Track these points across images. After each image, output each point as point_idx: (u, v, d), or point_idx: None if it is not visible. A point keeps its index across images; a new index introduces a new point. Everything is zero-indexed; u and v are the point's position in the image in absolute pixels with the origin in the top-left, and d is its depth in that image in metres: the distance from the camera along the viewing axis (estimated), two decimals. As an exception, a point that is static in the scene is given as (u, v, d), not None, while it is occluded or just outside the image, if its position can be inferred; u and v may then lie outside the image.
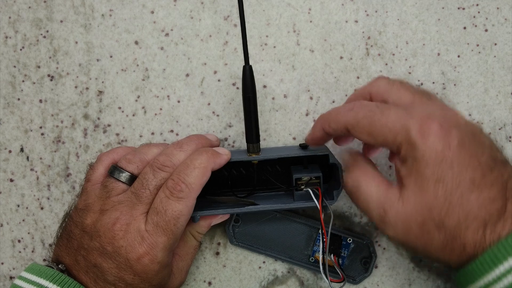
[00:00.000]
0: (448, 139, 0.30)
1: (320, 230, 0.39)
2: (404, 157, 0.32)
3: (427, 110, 0.32)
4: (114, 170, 0.38)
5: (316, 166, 0.40)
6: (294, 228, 0.42)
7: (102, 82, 0.44)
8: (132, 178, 0.37)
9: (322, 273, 0.38)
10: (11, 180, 0.44)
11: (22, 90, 0.44)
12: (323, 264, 0.38)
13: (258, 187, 0.41)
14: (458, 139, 0.31)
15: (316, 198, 0.38)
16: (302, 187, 0.39)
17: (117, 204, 0.36)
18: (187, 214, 0.36)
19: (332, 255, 0.41)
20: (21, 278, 0.35)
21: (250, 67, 0.38)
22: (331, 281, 0.39)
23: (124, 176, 0.37)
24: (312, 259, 0.42)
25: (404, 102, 0.34)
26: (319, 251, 0.41)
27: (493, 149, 0.32)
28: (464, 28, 0.44)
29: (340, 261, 0.42)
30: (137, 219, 0.35)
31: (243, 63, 0.38)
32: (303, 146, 0.40)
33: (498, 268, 0.29)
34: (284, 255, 0.43)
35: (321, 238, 0.38)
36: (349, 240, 0.42)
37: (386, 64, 0.44)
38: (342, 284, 0.40)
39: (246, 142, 0.39)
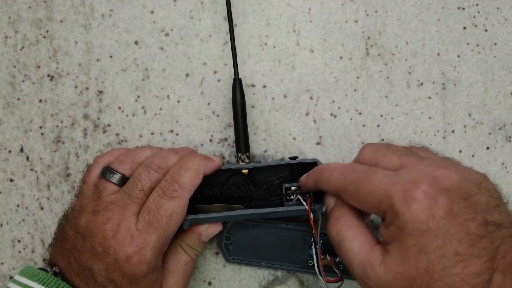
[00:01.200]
0: (433, 208, 0.29)
1: (311, 232, 0.39)
2: (388, 224, 0.30)
3: (413, 174, 0.30)
4: (105, 171, 0.38)
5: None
6: (287, 235, 0.42)
7: (102, 82, 0.44)
8: (123, 179, 0.38)
9: (317, 274, 0.38)
10: (11, 180, 0.44)
11: (22, 90, 0.44)
12: (318, 265, 0.38)
13: (249, 197, 0.41)
14: (444, 209, 0.29)
15: (305, 202, 0.38)
16: (292, 197, 0.39)
17: (110, 204, 0.36)
18: (180, 213, 0.36)
19: (327, 255, 0.41)
20: (14, 281, 0.36)
21: (240, 79, 0.41)
22: (330, 281, 0.39)
23: (115, 177, 0.38)
24: (310, 263, 0.42)
25: (392, 166, 0.33)
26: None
27: (488, 210, 0.30)
28: (464, 28, 0.44)
29: (337, 260, 0.42)
30: (129, 218, 0.36)
31: (243, 63, 0.38)
32: (292, 158, 0.41)
33: None
34: (282, 264, 0.42)
35: (313, 240, 0.38)
36: None
37: (386, 64, 0.44)
38: (340, 283, 0.40)
39: (236, 152, 0.41)
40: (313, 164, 0.40)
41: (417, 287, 0.29)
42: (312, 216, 0.38)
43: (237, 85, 0.41)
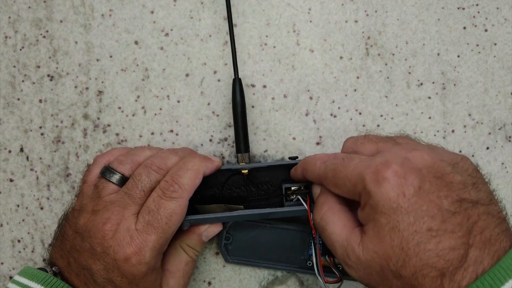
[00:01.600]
0: (403, 187, 0.29)
1: (311, 233, 0.39)
2: (363, 205, 0.31)
3: (385, 157, 0.31)
4: (105, 171, 0.38)
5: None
6: (286, 236, 0.42)
7: (102, 82, 0.44)
8: (123, 179, 0.38)
9: (317, 275, 0.38)
10: (11, 180, 0.44)
11: (22, 90, 0.44)
12: (317, 265, 0.38)
13: (249, 198, 0.41)
14: (414, 186, 0.29)
15: (305, 202, 0.38)
16: (292, 197, 0.39)
17: (109, 204, 0.36)
18: (180, 214, 0.36)
19: (326, 256, 0.41)
20: (14, 281, 0.36)
21: (240, 80, 0.41)
22: (329, 282, 0.39)
23: (115, 177, 0.38)
24: (309, 263, 0.42)
25: (369, 153, 0.34)
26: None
27: (465, 188, 0.30)
28: (464, 28, 0.44)
29: (336, 261, 0.42)
30: (128, 219, 0.35)
31: (243, 63, 0.38)
32: (292, 158, 0.41)
33: None
34: (282, 264, 0.42)
35: (312, 241, 0.38)
36: None
37: (386, 64, 0.44)
38: (339, 284, 0.40)
39: (236, 152, 0.41)
40: None
41: (393, 265, 0.29)
42: (311, 217, 0.38)
43: (237, 86, 0.41)
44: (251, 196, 0.40)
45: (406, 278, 0.29)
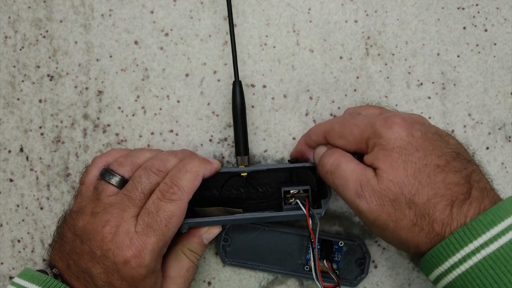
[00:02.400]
0: (411, 130, 0.33)
1: (309, 238, 0.39)
2: (371, 148, 0.34)
3: (391, 113, 0.36)
4: (105, 172, 0.38)
5: (305, 180, 0.40)
6: (284, 239, 0.42)
7: (102, 82, 0.44)
8: (123, 181, 0.38)
9: (315, 279, 0.38)
10: (11, 180, 0.44)
11: (21, 90, 0.44)
12: (315, 270, 0.38)
13: (247, 200, 0.40)
14: (421, 131, 0.34)
15: (304, 207, 0.38)
16: (291, 200, 0.39)
17: (109, 206, 0.36)
18: (179, 216, 0.36)
19: (325, 261, 0.41)
20: (13, 284, 0.36)
21: (240, 82, 0.40)
22: (327, 287, 0.39)
23: (115, 179, 0.37)
24: (306, 268, 0.42)
25: (373, 113, 0.38)
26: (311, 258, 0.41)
27: (458, 148, 0.34)
28: (464, 28, 0.44)
29: (334, 266, 0.42)
30: (128, 221, 0.35)
31: (243, 63, 0.38)
32: (291, 161, 0.41)
33: (463, 249, 0.31)
34: (279, 268, 0.42)
35: (311, 246, 0.38)
36: (341, 243, 0.42)
37: (386, 64, 0.44)
38: None
39: (236, 155, 0.41)
40: (312, 167, 0.40)
41: (408, 192, 0.32)
42: (310, 221, 0.38)
43: (237, 88, 0.40)
44: (250, 199, 0.40)
45: (419, 205, 0.32)
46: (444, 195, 0.32)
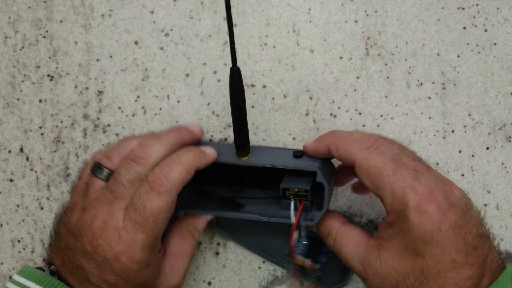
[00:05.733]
0: (441, 222, 0.31)
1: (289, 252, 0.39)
2: (392, 222, 0.33)
3: (429, 184, 0.32)
4: (94, 167, 0.37)
5: (309, 178, 0.38)
6: (271, 226, 0.41)
7: (102, 82, 0.44)
8: (110, 175, 0.37)
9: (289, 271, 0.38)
10: (11, 180, 0.44)
11: (21, 90, 0.44)
12: (294, 264, 0.39)
13: (244, 195, 0.40)
14: (451, 223, 0.31)
15: (296, 210, 0.38)
16: (290, 197, 0.38)
17: (95, 201, 0.36)
18: (167, 211, 0.35)
19: (310, 259, 0.40)
20: (12, 281, 0.35)
21: (238, 69, 0.36)
22: (302, 283, 0.39)
23: (103, 173, 0.37)
24: (289, 259, 0.41)
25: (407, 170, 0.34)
26: (295, 251, 0.40)
27: (480, 224, 0.33)
28: (464, 28, 0.44)
29: (317, 266, 0.41)
30: (115, 216, 0.35)
31: (243, 63, 0.38)
32: (296, 155, 0.39)
33: None
34: (261, 251, 0.42)
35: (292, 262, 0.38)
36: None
37: (386, 64, 0.44)
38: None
39: (235, 146, 0.38)
40: (313, 173, 0.37)
41: (410, 283, 0.31)
42: (296, 221, 0.37)
43: (236, 75, 0.36)
44: (248, 194, 0.40)
45: None
46: None
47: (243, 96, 0.37)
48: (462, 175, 0.43)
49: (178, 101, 0.44)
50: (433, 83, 0.44)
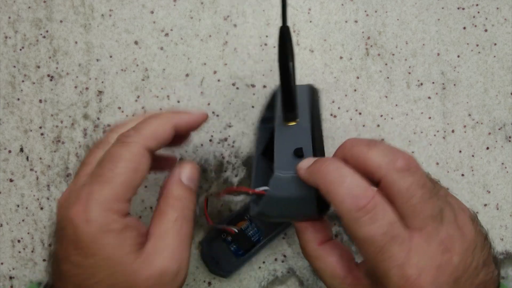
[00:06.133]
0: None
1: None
2: (372, 275, 0.30)
3: (420, 262, 0.27)
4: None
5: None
6: None
7: (102, 82, 0.44)
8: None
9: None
10: (11, 180, 0.44)
11: (21, 90, 0.44)
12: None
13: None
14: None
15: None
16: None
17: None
18: (129, 160, 0.30)
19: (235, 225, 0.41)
20: None
21: (288, 27, 0.32)
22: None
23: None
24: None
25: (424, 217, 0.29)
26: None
27: (475, 273, 0.28)
28: (464, 28, 0.44)
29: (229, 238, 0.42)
30: (80, 179, 0.31)
31: (243, 63, 0.38)
32: (298, 154, 0.34)
33: None
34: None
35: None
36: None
37: (386, 64, 0.44)
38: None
39: (283, 111, 0.34)
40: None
41: None
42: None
43: (286, 35, 0.32)
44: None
45: None
46: None
47: (293, 56, 0.32)
48: (462, 175, 0.43)
49: (178, 101, 0.44)
50: (433, 83, 0.44)
